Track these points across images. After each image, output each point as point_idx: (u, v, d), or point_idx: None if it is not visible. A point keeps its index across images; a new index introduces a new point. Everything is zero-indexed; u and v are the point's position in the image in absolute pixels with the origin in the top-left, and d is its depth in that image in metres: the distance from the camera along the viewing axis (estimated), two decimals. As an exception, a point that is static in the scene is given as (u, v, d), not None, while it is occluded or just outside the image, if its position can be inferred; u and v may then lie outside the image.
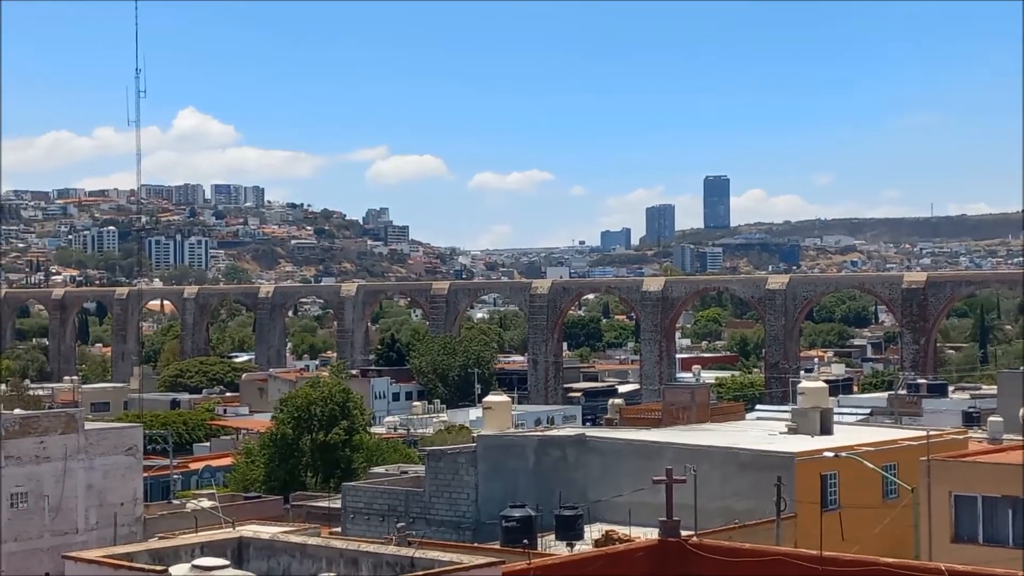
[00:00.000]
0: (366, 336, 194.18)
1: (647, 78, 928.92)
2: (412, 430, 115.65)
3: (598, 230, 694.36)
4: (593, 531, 44.41)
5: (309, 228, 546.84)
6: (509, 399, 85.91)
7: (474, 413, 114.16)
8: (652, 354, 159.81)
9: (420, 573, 27.15)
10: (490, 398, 78.50)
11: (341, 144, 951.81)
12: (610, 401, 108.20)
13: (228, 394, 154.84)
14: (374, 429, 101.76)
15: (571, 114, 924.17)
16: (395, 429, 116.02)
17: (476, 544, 42.91)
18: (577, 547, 42.16)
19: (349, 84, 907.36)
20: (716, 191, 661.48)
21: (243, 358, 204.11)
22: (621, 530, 42.90)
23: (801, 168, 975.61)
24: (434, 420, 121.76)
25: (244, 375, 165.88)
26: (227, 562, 28.91)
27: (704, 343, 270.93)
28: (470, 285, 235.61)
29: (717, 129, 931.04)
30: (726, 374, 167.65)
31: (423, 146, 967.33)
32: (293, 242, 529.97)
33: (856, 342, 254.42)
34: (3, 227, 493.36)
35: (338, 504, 59.24)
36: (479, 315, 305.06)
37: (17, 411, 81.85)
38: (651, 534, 35.89)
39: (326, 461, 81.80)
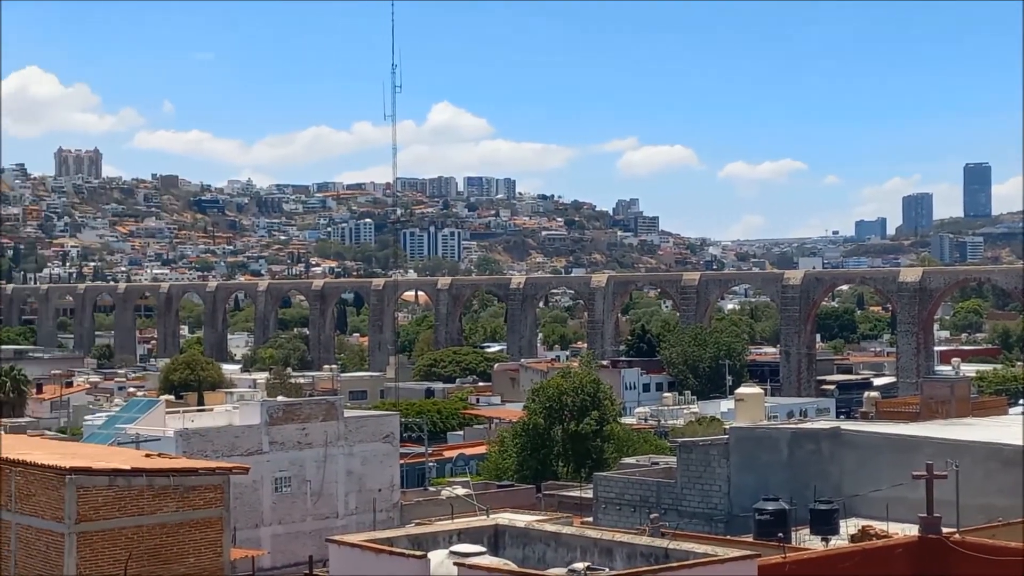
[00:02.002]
0: (616, 327, 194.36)
1: (903, 64, 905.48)
2: (663, 421, 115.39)
3: (852, 220, 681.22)
4: (848, 526, 43.55)
5: (560, 219, 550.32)
6: (761, 391, 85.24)
7: (725, 405, 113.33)
8: (909, 346, 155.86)
9: (675, 564, 27.04)
10: (742, 390, 78.11)
11: (592, 136, 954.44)
12: (865, 394, 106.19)
13: (481, 384, 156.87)
14: (624, 420, 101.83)
15: (825, 102, 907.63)
16: (645, 420, 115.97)
17: (729, 537, 42.53)
18: (832, 542, 41.42)
19: (600, 76, 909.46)
20: (977, 179, 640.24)
21: (495, 348, 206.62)
22: (878, 526, 41.95)
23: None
24: (685, 411, 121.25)
25: (496, 365, 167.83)
26: (484, 549, 29.31)
27: (964, 335, 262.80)
28: (721, 276, 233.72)
29: (977, 115, 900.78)
30: (987, 367, 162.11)
31: (673, 136, 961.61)
32: (544, 233, 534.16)
33: None
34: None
35: (589, 494, 59.45)
36: (730, 306, 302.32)
37: (280, 398, 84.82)
38: (910, 531, 35.02)
39: (577, 451, 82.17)
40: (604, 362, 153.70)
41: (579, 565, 27.73)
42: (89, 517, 32.49)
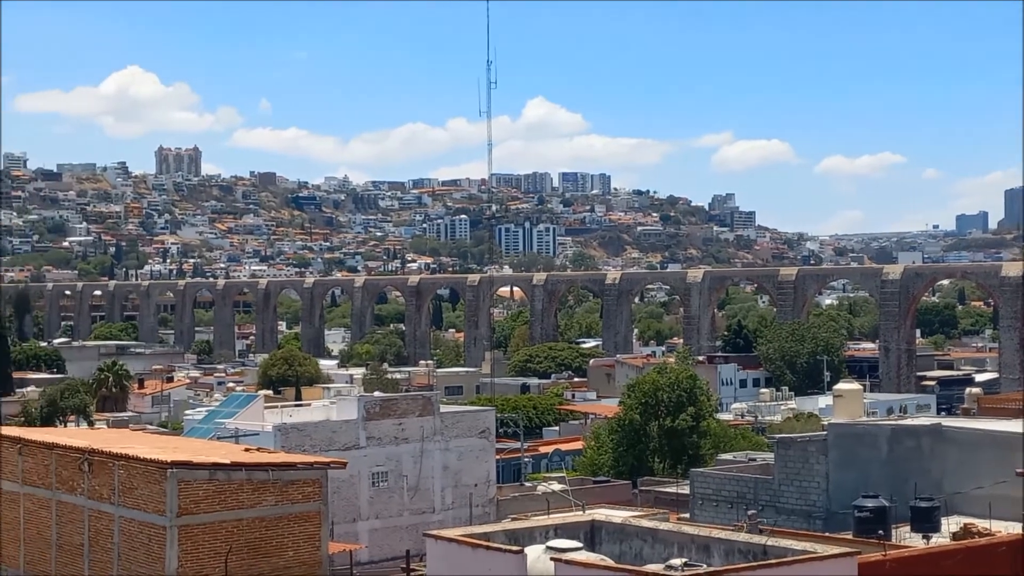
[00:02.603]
0: (712, 322, 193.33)
1: (1004, 57, 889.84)
2: (760, 417, 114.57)
3: (952, 214, 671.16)
4: (950, 524, 42.96)
5: (655, 214, 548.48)
6: (860, 387, 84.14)
7: (823, 401, 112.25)
8: (1012, 342, 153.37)
9: (773, 561, 26.82)
10: (841, 386, 77.06)
11: (687, 130, 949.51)
12: (967, 390, 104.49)
13: (576, 379, 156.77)
14: (721, 416, 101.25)
15: (924, 96, 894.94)
16: (742, 416, 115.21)
17: (828, 534, 42.11)
18: (934, 540, 40.88)
19: (695, 70, 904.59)
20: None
21: (590, 344, 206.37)
22: (980, 523, 41.33)
23: None
24: (782, 407, 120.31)
25: (592, 361, 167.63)
26: (580, 545, 29.29)
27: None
28: (818, 271, 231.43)
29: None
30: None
31: (770, 130, 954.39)
32: (639, 228, 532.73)
33: None
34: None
35: (686, 490, 59.16)
36: (828, 301, 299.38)
37: (377, 393, 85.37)
38: (1013, 529, 34.46)
39: (673, 447, 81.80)
40: (700, 358, 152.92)
41: (676, 561, 27.60)
42: (190, 510, 32.92)
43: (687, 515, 53.78)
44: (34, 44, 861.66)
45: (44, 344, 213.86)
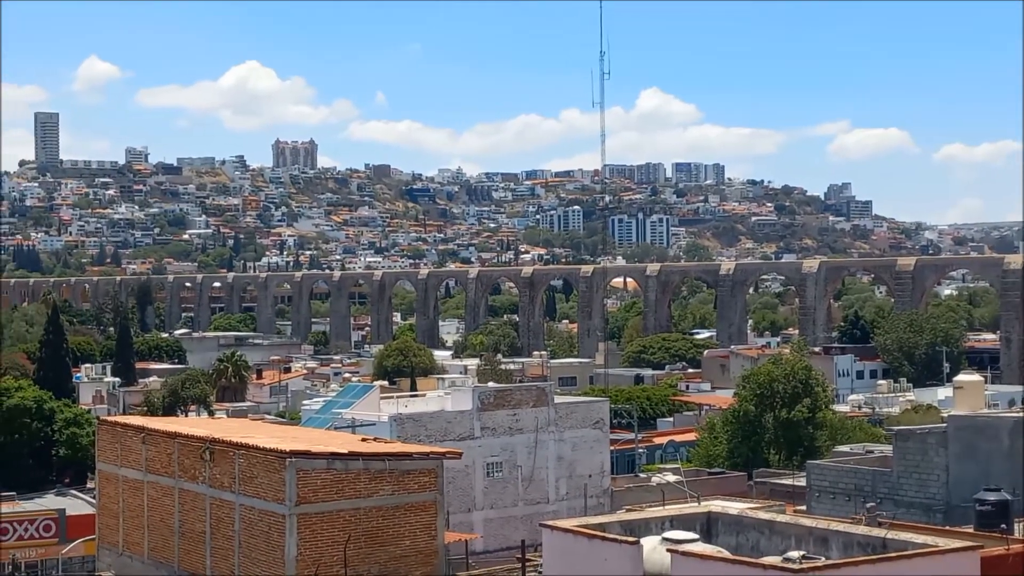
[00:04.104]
0: (828, 313, 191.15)
1: None
2: (877, 409, 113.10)
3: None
4: (1075, 518, 42.09)
5: (769, 204, 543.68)
6: (981, 378, 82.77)
7: (942, 392, 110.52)
8: None
9: (893, 555, 26.49)
10: (961, 377, 75.91)
11: (802, 119, 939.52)
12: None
13: (690, 370, 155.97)
14: (837, 407, 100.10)
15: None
16: (859, 407, 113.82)
17: (948, 528, 41.50)
18: (1058, 535, 40.08)
19: (811, 58, 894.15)
20: None
21: (704, 335, 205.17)
22: (1107, 519, 40.44)
23: None
24: (900, 399, 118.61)
25: (706, 352, 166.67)
26: (696, 536, 29.18)
27: None
28: (937, 261, 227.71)
29: None
30: None
31: (887, 119, 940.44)
32: (753, 219, 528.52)
33: None
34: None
35: (802, 482, 58.66)
36: (947, 291, 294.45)
37: (491, 384, 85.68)
38: None
39: (789, 438, 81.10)
40: (816, 349, 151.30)
41: (794, 554, 27.36)
42: (309, 499, 33.33)
43: (803, 507, 53.33)
44: (155, 41, 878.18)
45: (165, 335, 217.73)
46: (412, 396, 74.03)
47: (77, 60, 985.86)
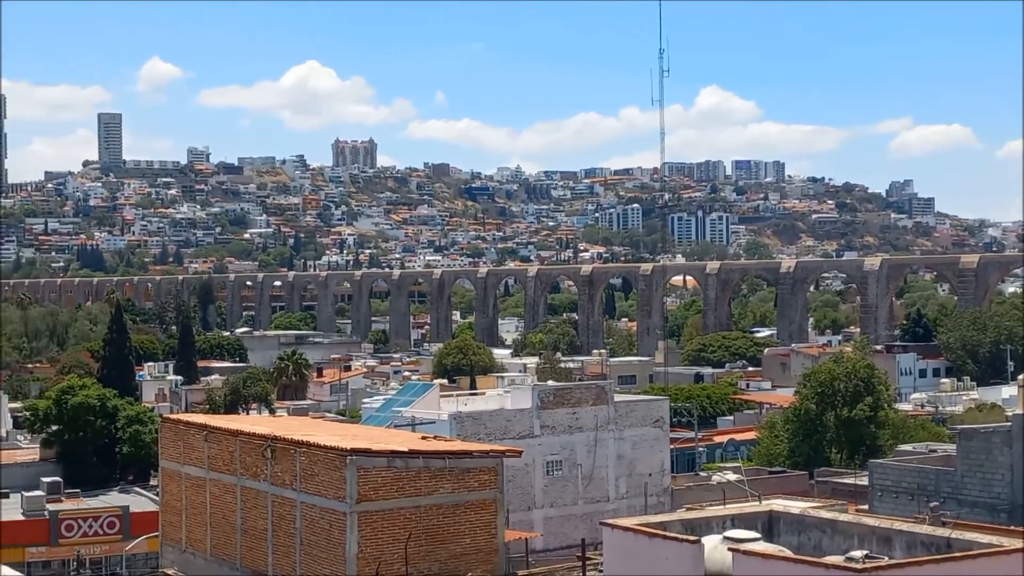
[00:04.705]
0: (890, 311, 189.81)
1: None
2: (940, 408, 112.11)
3: None
4: None
5: (830, 202, 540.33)
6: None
7: (1007, 391, 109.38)
8: None
9: (958, 554, 26.22)
10: (1026, 376, 75.05)
11: (864, 116, 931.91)
12: None
13: (750, 368, 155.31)
14: (900, 406, 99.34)
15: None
16: (922, 406, 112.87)
17: (1013, 527, 41.05)
18: (1126, 535, 39.53)
19: (872, 55, 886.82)
20: None
21: (764, 333, 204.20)
22: None
23: None
24: (963, 398, 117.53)
25: (766, 350, 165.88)
26: (758, 535, 29.02)
27: None
28: (1001, 258, 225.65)
29: None
30: None
31: (950, 115, 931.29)
32: (814, 216, 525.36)
33: None
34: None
35: (863, 481, 58.22)
36: (1011, 289, 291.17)
37: (551, 383, 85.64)
38: None
39: (850, 437, 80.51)
40: (878, 347, 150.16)
41: (857, 553, 27.15)
42: (369, 497, 33.42)
43: (865, 507, 52.94)
44: (217, 41, 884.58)
45: (227, 334, 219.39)
46: (472, 394, 74.13)
47: (140, 61, 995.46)
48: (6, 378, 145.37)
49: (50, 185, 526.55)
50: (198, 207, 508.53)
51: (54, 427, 78.09)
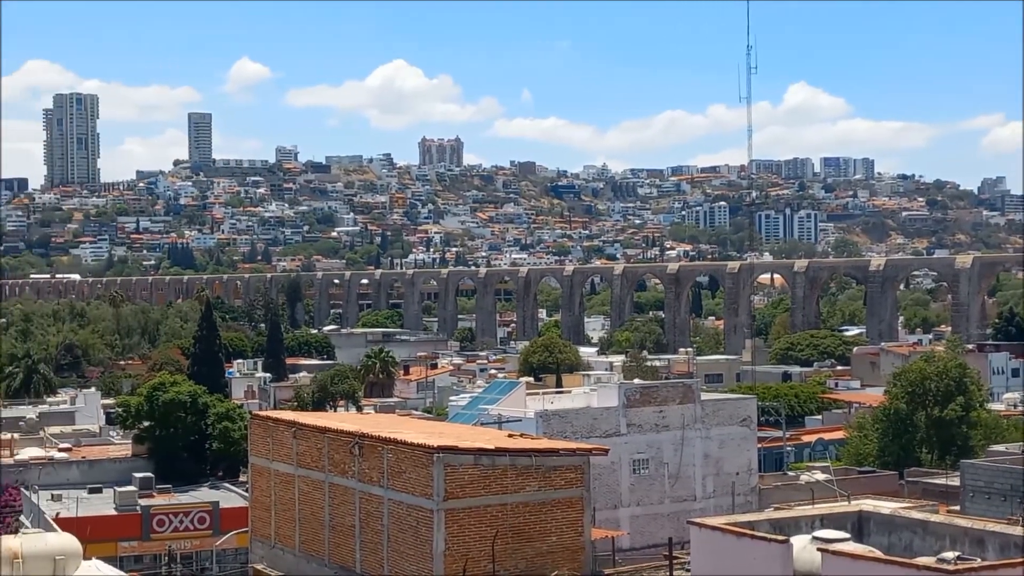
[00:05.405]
0: (982, 310, 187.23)
1: None
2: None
3: None
4: None
5: (921, 199, 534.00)
6: None
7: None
8: None
9: (1052, 557, 25.79)
10: (1122, 376, 73.72)
11: (955, 113, 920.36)
12: None
13: (839, 367, 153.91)
14: (992, 406, 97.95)
15: None
16: (1015, 406, 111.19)
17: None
18: None
19: (964, 50, 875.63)
20: None
21: (853, 331, 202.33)
22: None
23: None
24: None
25: (855, 349, 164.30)
26: (847, 535, 28.75)
27: None
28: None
29: None
30: None
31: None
32: (904, 214, 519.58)
33: None
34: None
35: (955, 481, 57.53)
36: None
37: (637, 381, 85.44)
38: None
39: (941, 437, 79.55)
40: (970, 346, 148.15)
41: (949, 554, 26.80)
42: (456, 494, 33.49)
43: (957, 507, 52.31)
44: (305, 42, 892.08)
45: (315, 331, 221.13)
46: (558, 392, 74.10)
47: (229, 61, 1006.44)
48: (99, 375, 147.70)
49: (142, 184, 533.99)
50: (286, 205, 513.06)
51: (146, 423, 79.10)
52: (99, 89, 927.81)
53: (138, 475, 71.74)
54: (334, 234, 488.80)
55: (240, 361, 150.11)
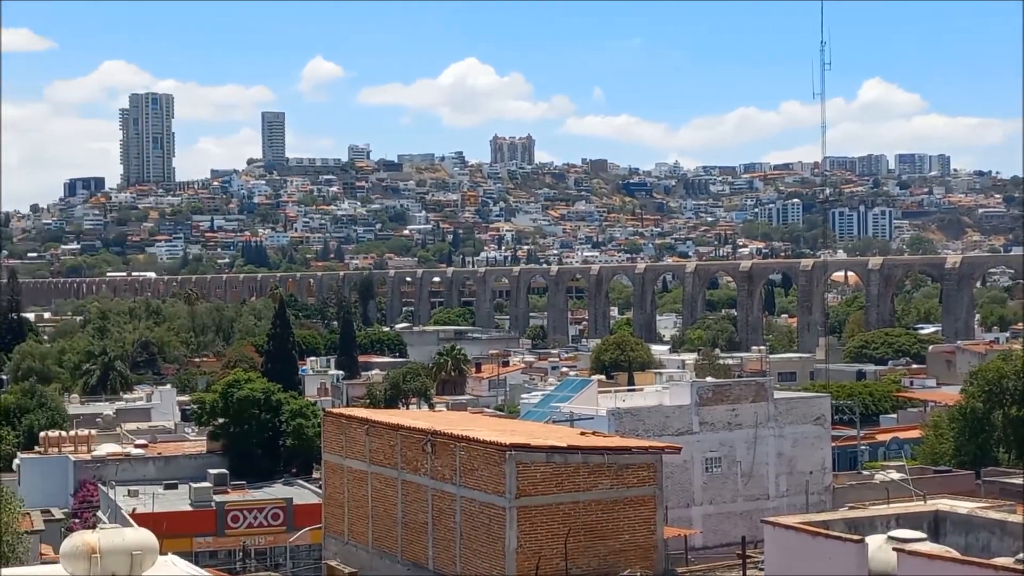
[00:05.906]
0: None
1: None
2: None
3: None
4: None
5: (998, 196, 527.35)
6: None
7: None
8: None
9: None
10: None
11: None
12: None
13: (914, 366, 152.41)
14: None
15: None
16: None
17: None
18: None
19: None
20: None
21: (929, 330, 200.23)
22: None
23: None
24: None
25: (931, 347, 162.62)
26: (923, 535, 28.47)
27: None
28: None
29: None
30: None
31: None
32: (981, 211, 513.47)
33: None
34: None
35: (1034, 482, 56.74)
36: None
37: (709, 379, 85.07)
38: None
39: (1019, 437, 78.49)
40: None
41: (1027, 556, 26.47)
42: (528, 492, 33.53)
43: (1035, 508, 51.56)
44: (377, 41, 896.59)
45: (387, 329, 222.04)
46: (630, 390, 73.92)
47: (303, 61, 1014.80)
48: (174, 372, 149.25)
49: (216, 183, 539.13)
50: (359, 204, 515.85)
51: (220, 420, 79.76)
52: (174, 89, 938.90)
53: (213, 471, 72.35)
54: (406, 232, 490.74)
55: (313, 359, 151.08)
